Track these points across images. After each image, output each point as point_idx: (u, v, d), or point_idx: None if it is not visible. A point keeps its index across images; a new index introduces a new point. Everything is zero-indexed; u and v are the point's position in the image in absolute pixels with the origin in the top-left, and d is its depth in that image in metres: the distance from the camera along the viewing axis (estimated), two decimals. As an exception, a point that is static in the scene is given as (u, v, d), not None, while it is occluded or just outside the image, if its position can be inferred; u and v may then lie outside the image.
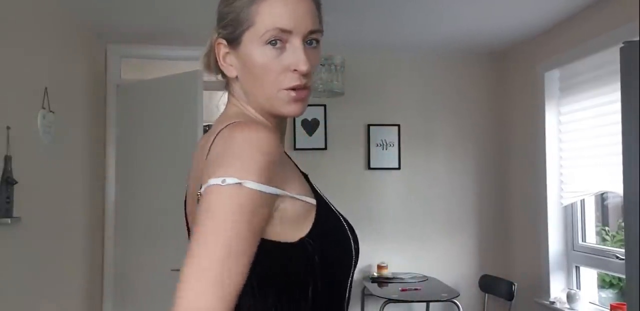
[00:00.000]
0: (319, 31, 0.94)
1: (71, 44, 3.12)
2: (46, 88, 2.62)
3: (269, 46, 0.90)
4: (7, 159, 2.19)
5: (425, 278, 3.79)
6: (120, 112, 3.73)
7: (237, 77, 0.98)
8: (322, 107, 3.98)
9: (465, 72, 4.17)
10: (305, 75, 0.91)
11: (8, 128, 2.21)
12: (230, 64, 0.98)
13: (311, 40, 0.92)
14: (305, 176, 1.00)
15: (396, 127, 4.05)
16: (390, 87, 4.09)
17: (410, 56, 4.09)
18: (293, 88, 0.92)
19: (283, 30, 0.89)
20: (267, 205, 0.84)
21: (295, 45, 0.90)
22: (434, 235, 4.06)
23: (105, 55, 3.76)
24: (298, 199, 0.89)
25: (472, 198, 4.12)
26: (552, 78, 3.53)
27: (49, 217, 2.70)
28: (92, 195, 3.45)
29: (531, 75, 3.70)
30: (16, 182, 2.20)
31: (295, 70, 0.91)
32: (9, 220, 2.16)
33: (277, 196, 0.85)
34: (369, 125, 4.04)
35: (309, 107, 3.94)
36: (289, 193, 0.88)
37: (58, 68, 2.88)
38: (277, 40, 0.90)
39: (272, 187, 0.84)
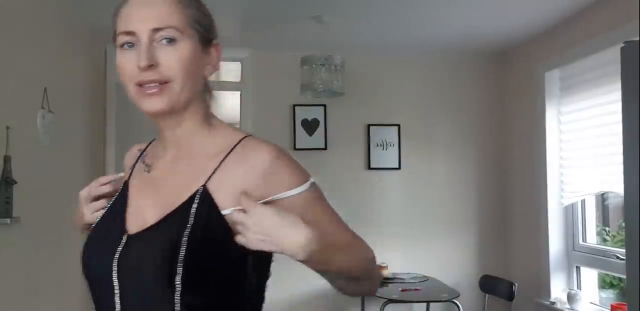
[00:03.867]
0: (171, 27, 0.96)
1: (71, 44, 3.12)
2: (46, 88, 2.61)
3: (122, 48, 0.99)
4: (7, 159, 2.19)
5: (425, 279, 3.78)
6: (120, 111, 3.73)
7: None
8: (322, 107, 3.98)
9: (465, 72, 4.17)
10: (148, 70, 0.94)
11: (8, 128, 2.21)
12: None
13: (163, 38, 0.96)
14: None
15: (396, 127, 4.05)
16: (390, 87, 4.09)
17: (410, 56, 4.09)
18: (141, 85, 0.96)
19: (128, 33, 0.97)
20: None
21: (139, 44, 0.96)
22: (434, 235, 4.06)
23: (105, 55, 3.75)
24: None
25: (472, 198, 4.12)
26: (553, 78, 3.52)
27: (49, 217, 2.70)
28: (92, 195, 3.44)
29: (531, 75, 3.69)
30: (16, 182, 2.20)
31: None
32: (8, 220, 2.16)
33: None
34: (369, 125, 4.04)
35: (309, 107, 3.96)
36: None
37: (57, 68, 2.88)
38: (127, 42, 0.98)
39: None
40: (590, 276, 3.38)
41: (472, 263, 4.07)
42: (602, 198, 3.53)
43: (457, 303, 3.30)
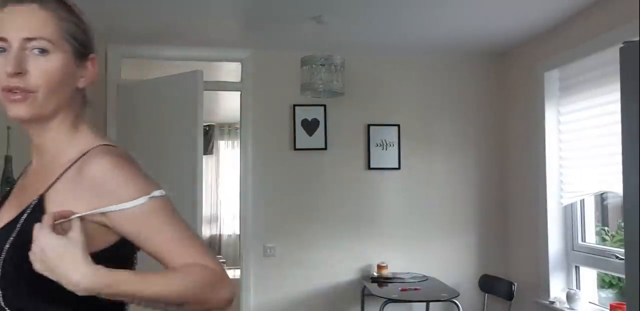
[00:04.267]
0: (43, 39, 0.97)
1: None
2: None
3: None
4: (8, 159, 2.19)
5: (425, 278, 3.79)
6: (121, 112, 3.73)
7: None
8: (322, 107, 3.98)
9: (465, 72, 4.17)
10: (15, 77, 0.95)
11: (8, 128, 2.22)
12: None
13: (35, 47, 0.97)
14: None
15: (396, 127, 4.05)
16: (390, 87, 4.09)
17: (410, 56, 4.10)
18: (8, 90, 0.96)
19: (0, 38, 0.97)
20: None
21: (10, 50, 0.97)
22: (434, 235, 4.07)
23: (106, 55, 3.76)
24: None
25: (472, 198, 4.12)
26: (552, 78, 3.53)
27: (49, 216, 2.70)
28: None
29: (531, 75, 3.70)
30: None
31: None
32: (9, 220, 2.16)
33: None
34: (369, 125, 4.05)
35: (309, 107, 3.97)
36: None
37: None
38: None
39: None
40: (589, 275, 3.39)
41: (472, 262, 4.08)
42: (601, 198, 3.54)
43: (457, 302, 3.31)
